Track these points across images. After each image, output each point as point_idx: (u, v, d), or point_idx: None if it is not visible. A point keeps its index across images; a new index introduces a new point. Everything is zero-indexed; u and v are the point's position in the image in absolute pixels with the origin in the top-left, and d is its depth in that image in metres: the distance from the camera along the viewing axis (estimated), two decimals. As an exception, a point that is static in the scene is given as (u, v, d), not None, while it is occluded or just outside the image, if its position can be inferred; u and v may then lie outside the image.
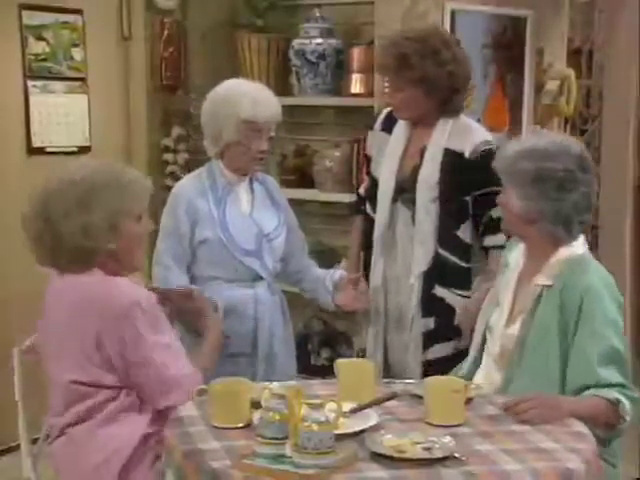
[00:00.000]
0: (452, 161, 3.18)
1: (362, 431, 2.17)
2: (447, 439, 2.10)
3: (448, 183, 3.17)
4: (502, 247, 3.11)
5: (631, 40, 5.72)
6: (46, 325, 2.61)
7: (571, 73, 4.89)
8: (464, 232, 3.22)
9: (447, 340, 3.22)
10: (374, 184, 3.32)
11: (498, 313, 2.69)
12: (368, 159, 3.42)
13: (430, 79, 3.14)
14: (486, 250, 3.24)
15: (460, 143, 3.19)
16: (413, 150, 3.27)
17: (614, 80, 5.80)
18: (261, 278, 3.14)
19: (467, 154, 3.18)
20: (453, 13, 4.16)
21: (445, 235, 3.19)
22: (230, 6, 4.64)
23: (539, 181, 2.54)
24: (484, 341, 2.74)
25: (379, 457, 2.04)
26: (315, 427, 1.98)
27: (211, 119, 3.12)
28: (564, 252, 2.58)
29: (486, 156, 3.12)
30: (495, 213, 3.14)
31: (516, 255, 2.73)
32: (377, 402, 2.34)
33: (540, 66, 4.78)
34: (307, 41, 4.28)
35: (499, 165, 2.65)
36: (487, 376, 2.66)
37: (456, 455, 2.04)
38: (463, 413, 2.28)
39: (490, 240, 3.21)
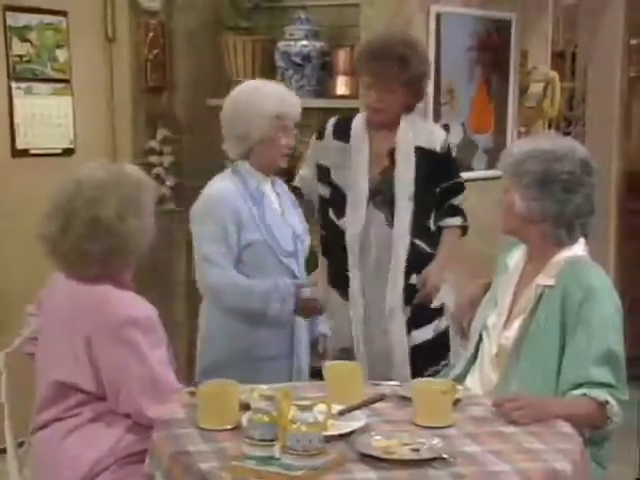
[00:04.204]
0: (426, 158, 3.39)
1: (350, 432, 2.18)
2: (435, 440, 2.11)
3: (423, 179, 3.37)
4: (457, 227, 3.48)
5: (614, 42, 5.76)
6: (42, 323, 2.62)
7: (555, 76, 4.91)
8: (431, 220, 3.46)
9: (425, 324, 3.42)
10: (336, 191, 3.43)
11: (496, 314, 2.70)
12: (321, 168, 3.49)
13: (419, 80, 3.38)
14: (440, 229, 3.48)
15: (428, 140, 3.41)
16: (378, 154, 3.42)
17: (597, 82, 5.84)
18: (297, 278, 3.15)
19: (438, 149, 3.41)
20: (438, 16, 4.17)
21: (419, 226, 3.39)
22: (215, 7, 4.63)
23: (545, 182, 2.55)
24: (479, 341, 2.75)
25: (368, 458, 2.04)
26: (304, 428, 1.98)
27: (237, 119, 3.08)
28: (565, 253, 2.59)
29: (449, 150, 3.51)
30: (456, 201, 3.49)
31: (516, 258, 2.75)
32: (365, 404, 2.35)
33: (524, 68, 4.80)
34: (292, 43, 4.28)
35: (504, 166, 2.65)
36: (482, 376, 2.67)
37: (444, 456, 2.04)
38: (451, 414, 2.29)
39: (448, 221, 3.48)
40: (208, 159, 4.60)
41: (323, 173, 3.50)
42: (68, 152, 4.37)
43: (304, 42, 4.27)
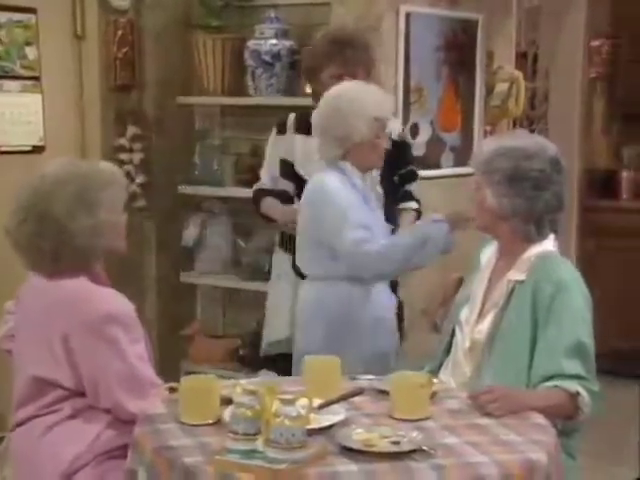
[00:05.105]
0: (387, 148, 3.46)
1: (331, 426, 2.21)
2: (414, 433, 2.15)
3: (386, 167, 3.39)
4: (413, 210, 3.64)
5: (576, 44, 5.87)
6: (19, 320, 2.62)
7: (520, 75, 4.98)
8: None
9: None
10: (301, 184, 3.43)
11: (469, 309, 2.75)
12: (285, 163, 3.56)
13: (374, 65, 3.59)
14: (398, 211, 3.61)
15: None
16: None
17: (559, 83, 5.94)
18: None
19: (397, 138, 3.53)
20: (408, 15, 4.21)
21: (388, 212, 3.46)
22: (185, 6, 4.63)
23: (515, 179, 2.61)
24: (452, 336, 2.80)
25: (349, 451, 2.08)
26: (287, 422, 2.00)
27: (337, 120, 3.06)
28: (535, 249, 2.66)
29: (405, 139, 3.73)
30: (411, 188, 3.66)
31: (488, 254, 2.81)
32: (344, 397, 2.38)
33: (490, 68, 4.86)
34: (262, 42, 4.29)
35: (476, 163, 2.71)
36: (456, 370, 2.72)
37: (424, 448, 2.08)
38: (428, 407, 2.33)
39: (405, 204, 3.63)
40: (177, 157, 4.62)
41: (287, 168, 3.57)
42: (38, 149, 4.35)
43: (274, 41, 4.28)
